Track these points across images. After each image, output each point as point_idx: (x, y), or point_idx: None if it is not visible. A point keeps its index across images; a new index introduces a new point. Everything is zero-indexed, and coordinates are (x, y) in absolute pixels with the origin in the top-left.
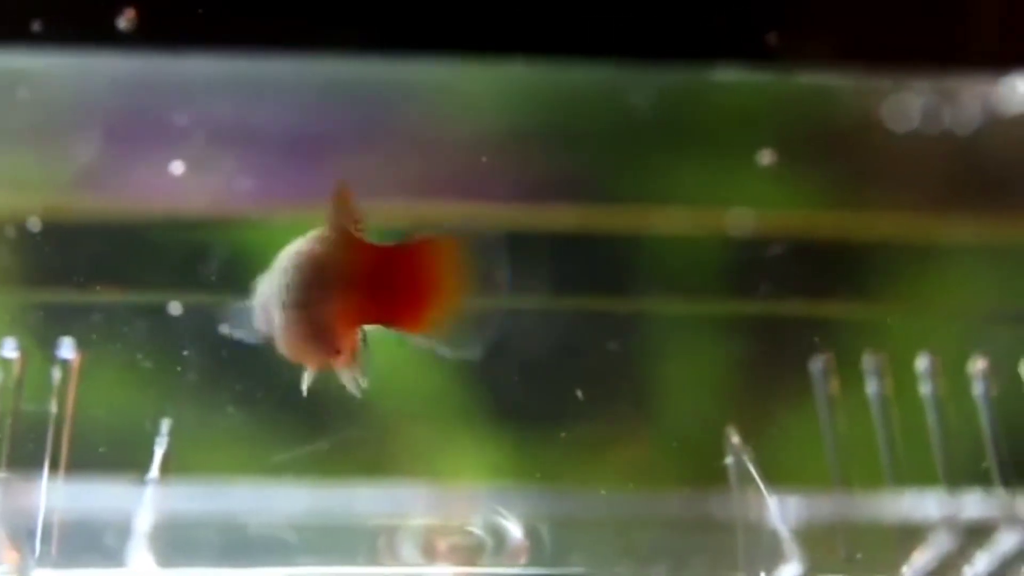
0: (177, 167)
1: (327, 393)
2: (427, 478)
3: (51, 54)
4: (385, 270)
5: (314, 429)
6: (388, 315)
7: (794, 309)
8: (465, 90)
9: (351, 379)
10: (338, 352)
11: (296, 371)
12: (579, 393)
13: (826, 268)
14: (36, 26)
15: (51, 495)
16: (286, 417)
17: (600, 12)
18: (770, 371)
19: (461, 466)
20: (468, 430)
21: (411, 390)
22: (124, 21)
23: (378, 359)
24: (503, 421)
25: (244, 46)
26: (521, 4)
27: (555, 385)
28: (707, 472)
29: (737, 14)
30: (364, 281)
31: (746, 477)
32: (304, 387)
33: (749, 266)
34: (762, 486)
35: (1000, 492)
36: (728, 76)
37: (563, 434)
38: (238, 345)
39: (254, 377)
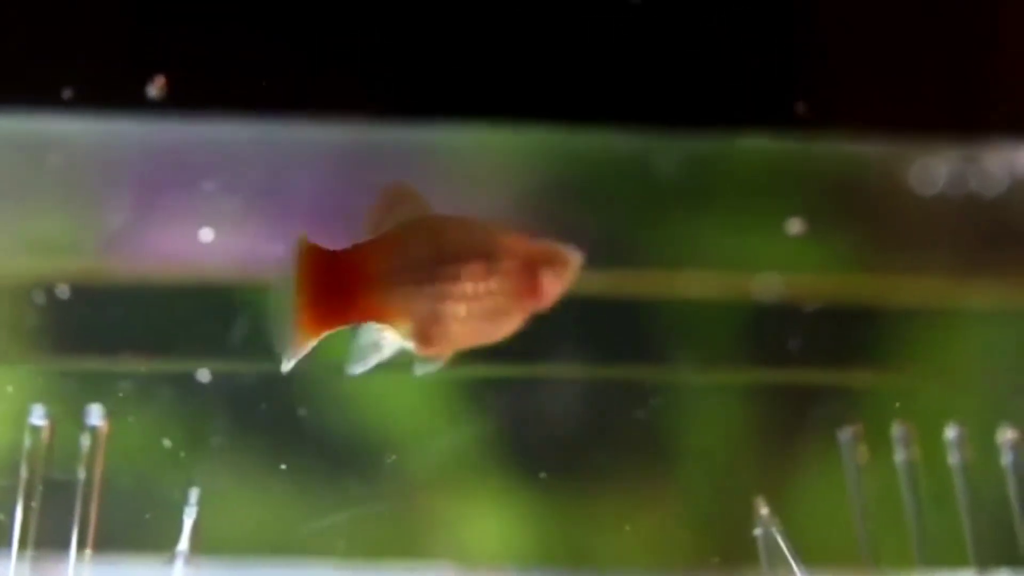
0: (206, 233)
1: (354, 463)
2: (451, 546)
3: (82, 120)
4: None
5: (342, 499)
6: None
7: (821, 376)
8: (492, 155)
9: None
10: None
11: (324, 445)
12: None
13: (852, 333)
14: (67, 93)
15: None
16: (313, 485)
17: (632, 79)
18: (796, 439)
19: (484, 534)
20: (491, 497)
21: (435, 458)
22: (154, 89)
23: (406, 426)
24: (527, 489)
25: (273, 112)
26: (551, 71)
27: (580, 453)
28: (733, 540)
29: (766, 83)
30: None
31: (775, 549)
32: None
33: (775, 331)
34: (792, 562)
35: None
36: (756, 143)
37: (589, 501)
38: (265, 413)
39: (282, 444)
